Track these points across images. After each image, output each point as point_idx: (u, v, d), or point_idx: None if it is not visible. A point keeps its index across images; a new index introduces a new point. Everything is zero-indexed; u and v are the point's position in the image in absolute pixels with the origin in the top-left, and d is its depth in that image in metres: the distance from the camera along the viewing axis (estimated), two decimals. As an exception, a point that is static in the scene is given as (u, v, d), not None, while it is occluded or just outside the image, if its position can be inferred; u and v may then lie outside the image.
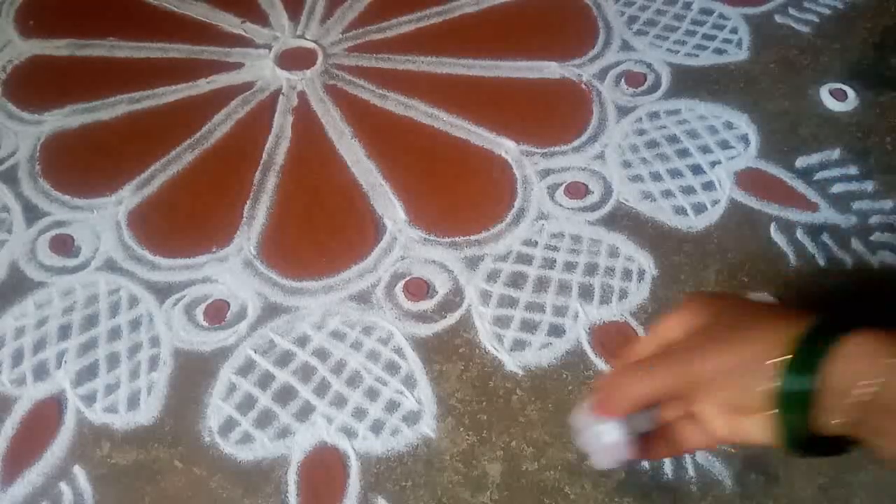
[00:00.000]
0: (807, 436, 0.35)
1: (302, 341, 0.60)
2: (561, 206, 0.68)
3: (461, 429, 0.56)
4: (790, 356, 0.34)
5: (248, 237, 0.67)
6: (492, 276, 0.64)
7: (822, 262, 0.64)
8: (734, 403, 0.36)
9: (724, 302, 0.39)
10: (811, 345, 0.34)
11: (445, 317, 0.62)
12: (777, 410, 0.34)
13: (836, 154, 0.70)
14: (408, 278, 0.64)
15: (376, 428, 0.56)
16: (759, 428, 0.36)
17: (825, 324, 0.34)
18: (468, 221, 0.67)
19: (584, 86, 0.77)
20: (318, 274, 0.64)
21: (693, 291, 0.43)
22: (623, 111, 0.74)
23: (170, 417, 0.57)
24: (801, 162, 0.70)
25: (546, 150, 0.72)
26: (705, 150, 0.71)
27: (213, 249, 0.66)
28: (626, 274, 0.63)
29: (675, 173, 0.70)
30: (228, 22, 0.84)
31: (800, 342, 0.34)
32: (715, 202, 0.68)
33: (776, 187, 0.68)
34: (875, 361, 0.33)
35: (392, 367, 0.59)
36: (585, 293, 0.62)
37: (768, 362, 0.34)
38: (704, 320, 0.38)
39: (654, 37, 0.80)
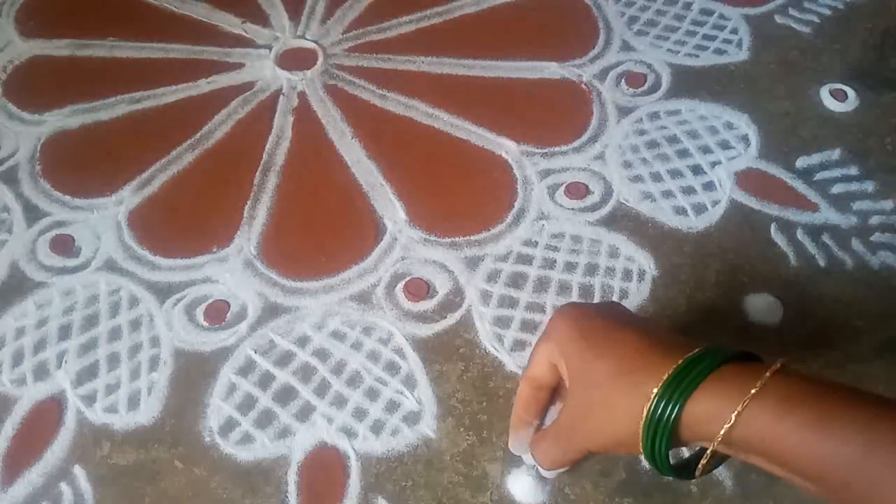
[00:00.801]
0: (671, 471, 0.39)
1: (302, 341, 0.60)
2: (561, 206, 0.68)
3: (461, 429, 0.56)
4: (652, 408, 0.37)
5: (248, 237, 0.67)
6: (492, 277, 0.64)
7: (822, 263, 0.64)
8: (622, 450, 0.40)
9: (589, 339, 0.41)
10: (669, 400, 0.36)
11: (445, 317, 0.62)
12: (643, 455, 0.38)
13: (836, 154, 0.70)
14: (408, 278, 0.64)
15: (376, 428, 0.56)
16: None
17: (690, 365, 0.37)
18: (468, 222, 0.67)
19: (584, 86, 0.77)
20: (318, 274, 0.64)
21: (559, 310, 0.44)
22: (623, 111, 0.74)
23: (170, 417, 0.57)
24: (801, 162, 0.70)
25: (546, 151, 0.72)
26: (705, 150, 0.71)
27: (214, 249, 0.66)
28: (627, 274, 0.63)
29: (675, 174, 0.70)
30: (229, 22, 0.84)
31: (657, 399, 0.37)
32: (715, 202, 0.68)
33: (776, 188, 0.68)
34: (722, 414, 0.35)
35: (392, 368, 0.59)
36: (586, 293, 0.62)
37: (642, 413, 0.37)
38: (573, 365, 0.41)
39: (655, 37, 0.80)
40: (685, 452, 0.52)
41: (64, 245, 0.66)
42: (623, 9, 0.83)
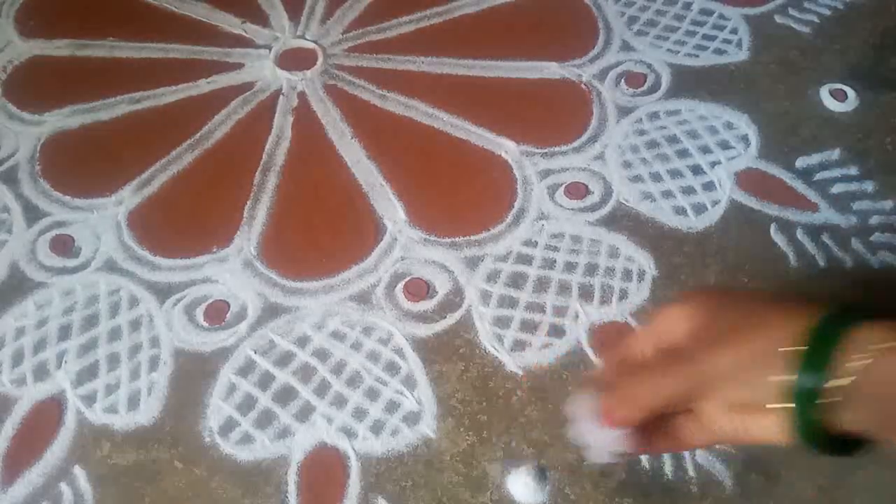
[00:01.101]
0: (822, 432, 0.33)
1: (302, 341, 0.60)
2: (561, 206, 0.68)
3: (461, 429, 0.56)
4: (804, 348, 0.32)
5: (248, 237, 0.67)
6: (492, 277, 0.64)
7: (822, 263, 0.64)
8: (744, 401, 0.35)
9: (727, 297, 0.38)
10: (824, 337, 0.32)
11: (445, 317, 0.62)
12: (792, 405, 0.33)
13: (836, 154, 0.70)
14: (408, 279, 0.64)
15: (376, 428, 0.56)
16: (766, 426, 0.34)
17: (838, 315, 0.33)
18: (468, 222, 0.67)
19: (584, 86, 0.77)
20: (318, 274, 0.64)
21: (694, 290, 0.43)
22: (623, 111, 0.74)
23: (170, 418, 0.57)
24: (801, 162, 0.70)
25: (546, 151, 0.72)
26: (705, 150, 0.71)
27: (214, 250, 0.66)
28: (627, 274, 0.63)
29: (675, 174, 0.70)
30: (229, 22, 0.84)
31: (813, 334, 0.33)
32: (715, 202, 0.68)
33: (776, 188, 0.68)
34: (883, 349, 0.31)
35: (392, 368, 0.59)
36: (585, 293, 0.62)
37: (780, 357, 0.33)
38: (707, 317, 0.37)
39: (655, 37, 0.80)
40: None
41: (64, 245, 0.66)
42: (623, 9, 0.83)
